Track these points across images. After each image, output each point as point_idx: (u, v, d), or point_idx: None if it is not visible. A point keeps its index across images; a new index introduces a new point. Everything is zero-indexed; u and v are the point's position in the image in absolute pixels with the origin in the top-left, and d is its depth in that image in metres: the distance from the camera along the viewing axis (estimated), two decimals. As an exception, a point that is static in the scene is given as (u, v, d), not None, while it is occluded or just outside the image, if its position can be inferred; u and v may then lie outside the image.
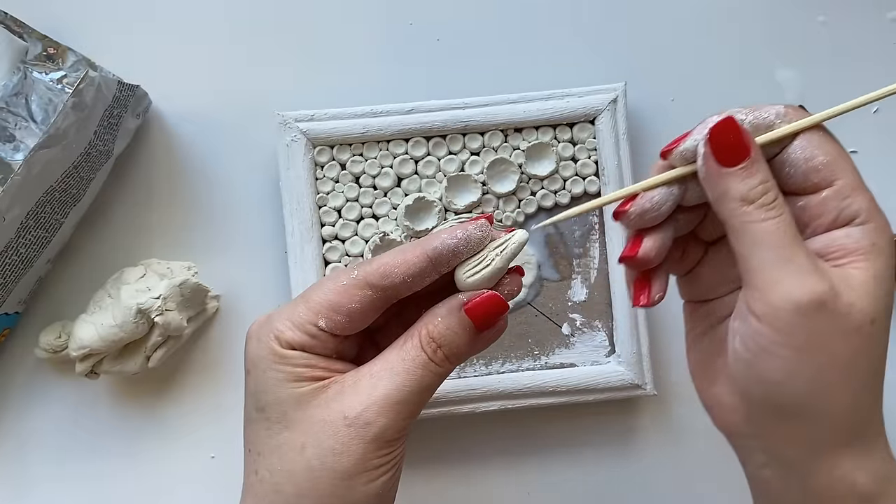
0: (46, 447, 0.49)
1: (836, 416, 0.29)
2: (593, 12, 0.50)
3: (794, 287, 0.27)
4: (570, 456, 0.49)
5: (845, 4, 0.50)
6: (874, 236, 0.29)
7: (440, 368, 0.31)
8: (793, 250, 0.28)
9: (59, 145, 0.41)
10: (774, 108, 0.30)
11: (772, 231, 0.28)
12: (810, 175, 0.29)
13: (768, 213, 0.28)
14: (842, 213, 0.29)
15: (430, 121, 0.47)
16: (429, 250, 0.31)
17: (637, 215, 0.31)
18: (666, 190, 0.30)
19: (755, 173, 0.29)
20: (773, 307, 0.28)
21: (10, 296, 0.45)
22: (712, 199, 0.30)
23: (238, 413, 0.49)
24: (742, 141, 0.29)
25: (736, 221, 0.29)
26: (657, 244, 0.31)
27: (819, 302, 0.27)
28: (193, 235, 0.49)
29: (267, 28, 0.50)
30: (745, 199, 0.28)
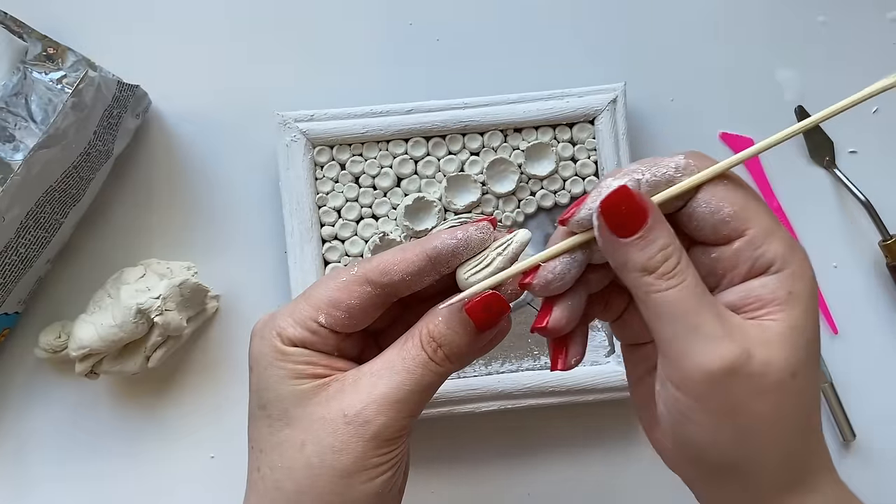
0: (46, 447, 0.49)
1: (770, 468, 0.28)
2: (593, 13, 0.50)
3: (703, 356, 0.27)
4: (570, 456, 0.49)
5: (845, 4, 0.50)
6: (790, 284, 0.28)
7: (440, 368, 0.31)
8: (699, 317, 0.27)
9: (59, 145, 0.41)
10: (674, 161, 0.29)
11: (675, 300, 0.27)
12: (719, 227, 0.28)
13: (669, 281, 0.27)
14: (756, 262, 0.28)
15: (429, 121, 0.47)
16: (428, 249, 0.31)
17: (541, 287, 0.30)
18: (569, 258, 0.30)
19: (654, 240, 0.27)
20: (685, 377, 0.27)
21: (9, 296, 0.45)
22: (614, 267, 0.29)
23: (238, 413, 0.49)
24: (637, 209, 0.27)
25: (639, 291, 0.28)
26: (566, 313, 0.30)
27: (730, 368, 0.27)
28: (193, 235, 0.49)
29: (267, 28, 0.50)
30: (646, 270, 0.27)
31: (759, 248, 0.28)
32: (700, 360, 0.27)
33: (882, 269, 0.49)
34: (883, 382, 0.49)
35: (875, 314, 0.50)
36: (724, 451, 0.28)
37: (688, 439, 0.29)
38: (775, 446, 0.28)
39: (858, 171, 0.49)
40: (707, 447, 0.28)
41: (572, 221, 0.29)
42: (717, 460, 0.28)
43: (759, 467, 0.28)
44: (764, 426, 0.27)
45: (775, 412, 0.27)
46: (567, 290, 0.30)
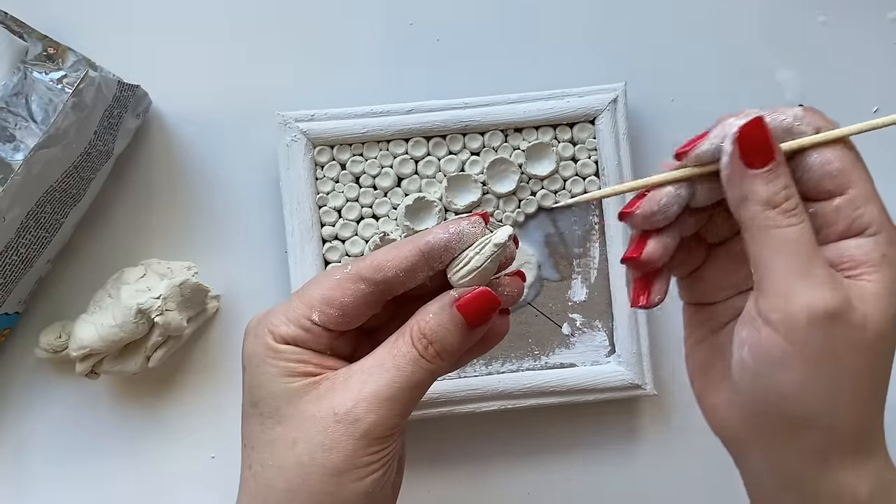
0: (47, 447, 0.49)
1: (844, 428, 0.28)
2: (593, 12, 0.50)
3: (812, 297, 0.27)
4: (570, 456, 0.49)
5: (845, 4, 0.50)
6: (885, 248, 0.28)
7: (431, 365, 0.31)
8: (812, 260, 0.27)
9: (59, 145, 0.41)
10: (792, 111, 0.29)
11: (793, 238, 0.28)
12: (824, 181, 0.29)
13: (790, 219, 0.28)
14: (854, 222, 0.29)
15: (430, 121, 0.47)
16: (421, 245, 0.31)
17: (643, 217, 0.30)
18: (673, 192, 0.30)
19: (779, 177, 0.28)
20: (788, 316, 0.27)
21: (10, 296, 0.45)
22: (733, 200, 0.29)
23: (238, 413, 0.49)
24: (769, 143, 0.28)
25: (757, 225, 0.28)
26: (661, 247, 0.30)
27: (836, 314, 0.27)
28: (193, 235, 0.49)
29: (267, 28, 0.50)
30: (769, 203, 0.28)
31: (859, 208, 0.28)
32: (808, 300, 0.27)
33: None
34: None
35: None
36: (807, 402, 0.28)
37: (772, 388, 0.28)
38: (854, 405, 0.28)
39: (858, 171, 0.49)
40: (791, 396, 0.28)
41: (692, 154, 0.29)
42: (796, 413, 0.28)
43: (837, 423, 0.28)
44: (852, 381, 0.28)
45: (862, 369, 0.28)
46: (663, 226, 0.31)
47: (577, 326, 0.48)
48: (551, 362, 0.48)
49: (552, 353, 0.48)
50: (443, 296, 0.31)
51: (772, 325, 0.28)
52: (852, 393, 0.28)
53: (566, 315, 0.48)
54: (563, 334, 0.48)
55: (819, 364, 0.27)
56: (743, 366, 0.29)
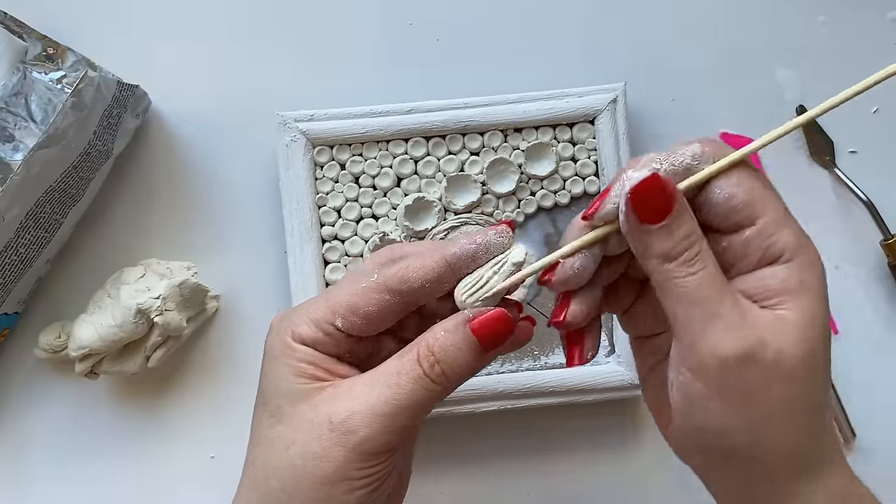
0: (46, 447, 0.49)
1: (780, 455, 0.29)
2: (593, 13, 0.50)
3: (720, 342, 0.27)
4: (569, 456, 0.49)
5: (845, 4, 0.50)
6: (800, 273, 0.28)
7: (434, 385, 0.30)
8: (717, 305, 0.27)
9: (59, 145, 0.41)
10: (690, 149, 0.29)
11: (694, 288, 0.28)
12: (731, 215, 0.29)
13: (690, 268, 0.28)
14: (766, 252, 0.28)
15: (429, 121, 0.47)
16: (448, 256, 0.31)
17: (560, 283, 0.30)
18: (587, 253, 0.30)
19: (678, 228, 0.28)
20: (700, 362, 0.28)
21: (9, 296, 0.45)
22: (636, 254, 0.29)
23: (238, 413, 0.49)
24: (665, 197, 0.28)
25: (660, 278, 0.28)
26: (584, 306, 0.31)
27: (746, 355, 0.27)
28: (193, 235, 0.49)
29: (267, 28, 0.50)
30: (667, 257, 0.28)
31: (771, 237, 0.28)
32: (716, 346, 0.27)
33: (883, 268, 0.49)
34: (883, 382, 0.49)
35: (876, 314, 0.50)
36: (736, 437, 0.28)
37: (701, 426, 0.29)
38: (786, 433, 0.28)
39: (859, 171, 0.49)
40: (720, 433, 0.28)
41: (598, 216, 0.29)
42: (729, 446, 0.29)
43: (769, 454, 0.28)
44: (776, 413, 0.28)
45: (787, 400, 0.28)
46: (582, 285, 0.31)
47: (576, 326, 0.48)
48: (551, 362, 0.48)
49: (552, 353, 0.48)
50: (456, 315, 0.31)
51: (688, 369, 0.28)
52: (780, 425, 0.28)
53: (566, 315, 0.48)
54: (562, 334, 0.48)
55: (737, 402, 0.28)
56: (674, 404, 0.30)
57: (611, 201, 0.29)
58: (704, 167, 0.29)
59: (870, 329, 0.49)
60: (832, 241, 0.50)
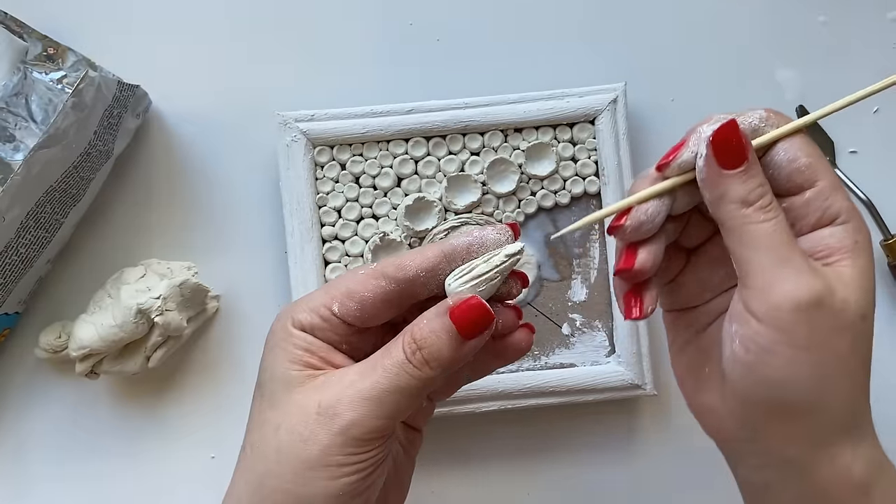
0: (46, 447, 0.49)
1: (836, 409, 0.29)
2: (593, 12, 0.50)
3: (794, 286, 0.28)
4: (570, 456, 0.49)
5: (845, 4, 0.50)
6: (856, 234, 0.30)
7: (417, 371, 0.30)
8: (789, 251, 0.29)
9: (59, 145, 0.41)
10: (757, 113, 0.31)
11: (769, 232, 0.29)
12: (794, 176, 0.30)
13: (766, 214, 0.29)
14: (825, 212, 0.30)
15: (430, 121, 0.47)
16: (445, 247, 0.31)
17: (633, 229, 0.31)
18: (658, 201, 0.31)
19: (753, 176, 0.29)
20: (773, 307, 0.28)
21: (10, 296, 0.45)
22: (711, 200, 0.30)
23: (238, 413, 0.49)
24: (742, 144, 0.29)
25: (735, 223, 0.29)
26: (652, 255, 0.31)
27: (818, 300, 0.28)
28: (193, 235, 0.49)
29: (267, 28, 0.50)
30: (745, 202, 0.29)
31: (828, 199, 0.30)
32: (790, 289, 0.28)
33: (883, 268, 0.49)
34: (883, 382, 0.49)
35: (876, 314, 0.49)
36: (800, 387, 0.29)
37: (765, 377, 0.29)
38: (846, 385, 0.29)
39: (859, 171, 0.49)
40: (784, 383, 0.29)
41: (674, 164, 0.30)
42: (790, 399, 0.29)
43: (826, 408, 0.29)
44: (839, 362, 0.29)
45: (848, 351, 0.29)
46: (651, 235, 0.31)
47: (576, 326, 0.48)
48: (551, 362, 0.48)
49: (552, 353, 0.48)
50: (441, 303, 0.31)
51: (758, 316, 0.29)
52: (839, 375, 0.29)
53: (566, 315, 0.48)
54: (563, 334, 0.48)
55: (806, 349, 0.28)
56: (735, 358, 0.30)
57: (689, 149, 0.30)
58: (769, 130, 0.30)
59: (870, 329, 0.49)
60: (832, 241, 0.50)
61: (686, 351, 0.34)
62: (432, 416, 0.39)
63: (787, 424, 0.30)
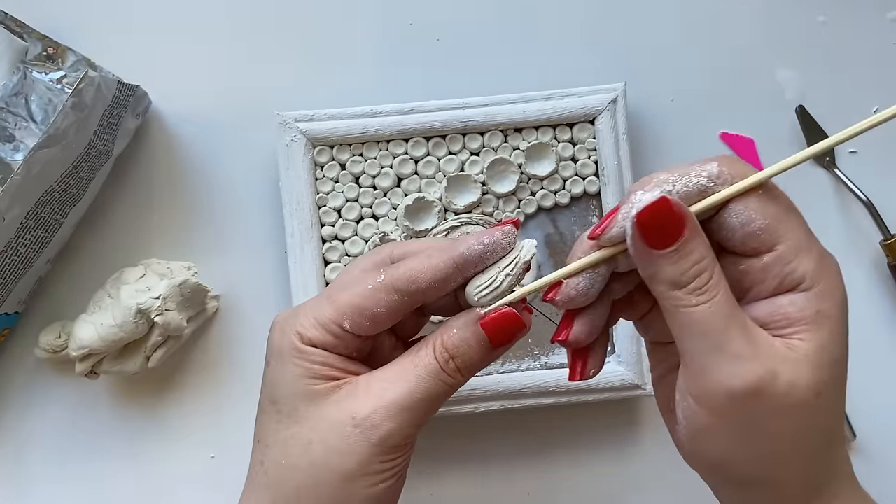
0: (46, 447, 0.49)
1: (789, 482, 0.28)
2: (593, 12, 0.50)
3: (728, 375, 0.26)
4: (570, 456, 0.49)
5: (845, 4, 0.50)
6: (819, 303, 0.27)
7: (451, 379, 0.31)
8: (727, 335, 0.26)
9: (59, 145, 0.41)
10: (706, 170, 0.28)
11: (704, 318, 0.27)
12: (748, 240, 0.28)
13: (700, 297, 0.27)
14: (786, 278, 0.28)
15: (429, 121, 0.47)
16: (455, 256, 0.31)
17: (564, 302, 0.30)
18: (592, 273, 0.29)
19: (688, 254, 0.27)
20: (708, 394, 0.27)
21: (9, 296, 0.45)
22: (643, 277, 0.28)
23: (238, 413, 0.49)
24: (674, 221, 0.27)
25: (667, 304, 0.28)
26: (586, 327, 0.30)
27: (754, 389, 0.26)
28: (193, 235, 0.49)
29: (267, 28, 0.50)
30: (676, 284, 0.27)
31: (789, 264, 0.27)
32: (724, 379, 0.26)
33: (883, 268, 0.49)
34: (883, 382, 0.49)
35: (875, 314, 0.50)
36: (741, 467, 0.28)
37: (705, 453, 0.29)
38: (795, 464, 0.28)
39: (859, 171, 0.49)
40: (726, 462, 0.28)
41: (604, 238, 0.29)
42: (734, 474, 0.29)
43: (777, 483, 0.28)
44: (785, 446, 0.27)
45: (797, 432, 0.27)
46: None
47: (576, 326, 0.48)
48: (551, 362, 0.48)
49: (552, 353, 0.48)
50: (467, 312, 0.31)
51: (694, 398, 0.28)
52: (788, 454, 0.28)
53: (566, 315, 0.48)
54: (562, 334, 0.48)
55: (744, 433, 0.27)
56: (680, 426, 0.29)
57: (618, 224, 0.28)
58: (721, 188, 0.28)
59: (870, 329, 0.49)
60: (832, 241, 0.49)
61: (663, 384, 0.33)
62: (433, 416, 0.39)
63: (741, 490, 0.29)
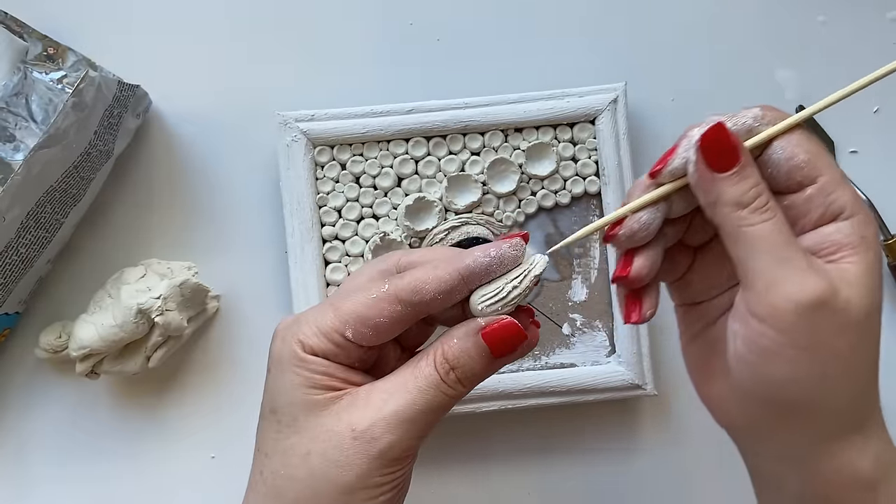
0: (46, 448, 0.49)
1: (840, 408, 0.29)
2: (593, 12, 0.50)
3: (795, 288, 0.28)
4: (570, 456, 0.49)
5: (845, 4, 0.50)
6: (862, 229, 0.29)
7: (452, 390, 0.31)
8: (789, 251, 0.28)
9: (59, 145, 0.41)
10: (751, 112, 0.30)
11: (767, 234, 0.28)
12: (793, 173, 0.29)
13: (762, 215, 0.28)
14: (828, 208, 0.29)
15: (430, 121, 0.47)
16: (461, 269, 0.31)
17: (627, 237, 0.31)
18: (653, 209, 0.31)
19: (747, 177, 0.29)
20: (774, 309, 0.28)
21: (10, 296, 0.45)
22: (705, 205, 0.30)
23: (239, 413, 0.49)
24: (732, 146, 0.29)
25: (731, 226, 0.29)
26: (648, 262, 0.31)
27: (820, 301, 0.27)
28: (194, 235, 0.49)
29: (267, 28, 0.50)
30: (739, 204, 0.29)
31: (831, 194, 0.29)
32: (791, 291, 0.27)
33: (883, 268, 0.49)
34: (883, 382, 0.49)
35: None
36: (802, 387, 0.29)
37: (767, 377, 0.29)
38: (849, 384, 0.29)
39: (859, 171, 0.49)
40: (786, 383, 0.29)
41: (666, 171, 0.30)
42: (792, 399, 0.29)
43: (831, 403, 0.29)
44: (842, 362, 0.28)
45: (852, 350, 0.28)
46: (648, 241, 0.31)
47: (577, 326, 0.48)
48: (551, 362, 0.48)
49: (552, 353, 0.48)
50: (468, 322, 0.31)
51: (759, 317, 0.28)
52: (843, 374, 0.29)
53: (566, 315, 0.48)
54: (563, 334, 0.48)
55: (809, 350, 0.28)
56: (738, 357, 0.30)
57: (679, 156, 0.30)
58: (766, 129, 0.30)
59: (870, 329, 0.49)
60: (832, 240, 0.50)
61: (695, 343, 0.34)
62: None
63: (790, 421, 0.30)
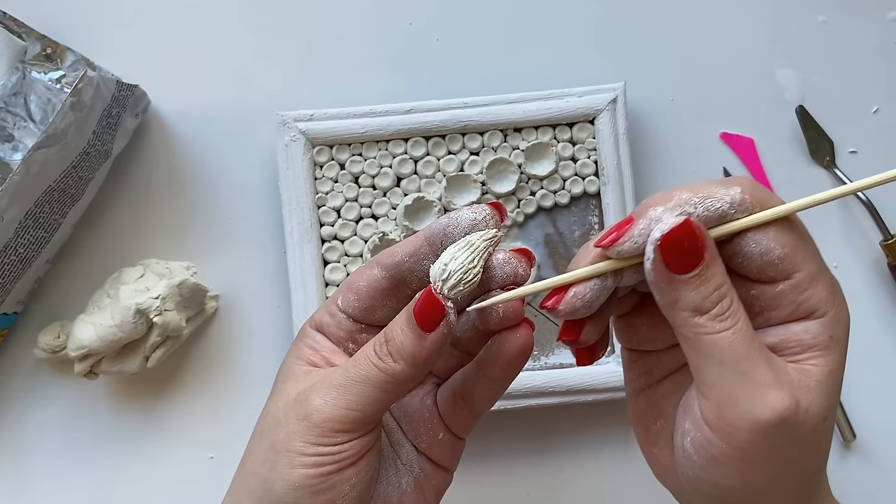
0: (46, 447, 0.49)
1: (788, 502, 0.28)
2: (593, 12, 0.50)
3: (754, 406, 0.26)
4: (570, 456, 0.49)
5: (845, 4, 0.50)
6: (831, 328, 0.27)
7: (381, 363, 0.29)
8: (750, 363, 0.26)
9: (58, 145, 0.41)
10: (729, 195, 0.27)
11: (727, 344, 0.26)
12: (766, 269, 0.27)
13: (723, 323, 0.26)
14: (799, 307, 0.27)
15: (429, 121, 0.47)
16: (426, 230, 0.31)
17: (567, 313, 0.28)
18: (599, 284, 0.28)
19: (709, 279, 0.26)
20: (729, 426, 0.26)
21: (8, 296, 0.45)
22: (661, 304, 0.27)
23: (238, 413, 0.49)
24: (697, 247, 0.26)
25: (688, 332, 0.26)
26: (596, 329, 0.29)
27: (780, 420, 0.26)
28: (192, 235, 0.49)
29: (266, 28, 0.50)
30: (699, 310, 0.26)
31: (804, 292, 0.27)
32: (749, 409, 0.26)
33: (883, 268, 0.49)
34: (883, 382, 0.49)
35: (875, 314, 0.49)
36: (749, 492, 0.27)
37: (713, 481, 0.28)
38: (794, 488, 0.28)
39: (858, 171, 0.49)
40: (733, 489, 0.27)
41: (615, 251, 0.27)
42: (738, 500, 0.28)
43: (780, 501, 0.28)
44: (792, 471, 0.27)
45: (804, 457, 0.27)
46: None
47: (576, 326, 0.48)
48: (551, 362, 0.48)
49: (552, 353, 0.48)
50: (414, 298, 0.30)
51: (712, 427, 0.27)
52: (789, 477, 0.27)
53: (566, 315, 0.48)
54: (562, 334, 0.48)
55: (759, 463, 0.27)
56: (685, 455, 0.28)
57: (632, 239, 0.27)
58: (742, 216, 0.27)
59: (868, 329, 0.49)
60: (832, 241, 0.50)
61: (640, 399, 0.32)
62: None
63: None
